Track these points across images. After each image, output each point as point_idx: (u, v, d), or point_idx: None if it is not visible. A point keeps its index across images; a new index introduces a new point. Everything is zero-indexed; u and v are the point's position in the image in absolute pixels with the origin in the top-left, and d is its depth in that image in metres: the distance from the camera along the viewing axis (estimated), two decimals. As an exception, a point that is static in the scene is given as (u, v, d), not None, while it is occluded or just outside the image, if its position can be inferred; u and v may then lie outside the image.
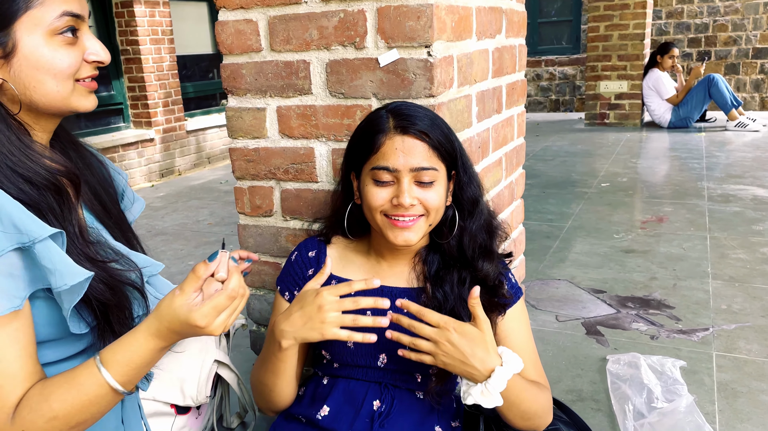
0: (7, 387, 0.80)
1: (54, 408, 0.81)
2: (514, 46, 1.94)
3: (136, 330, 0.87)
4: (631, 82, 6.94)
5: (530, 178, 4.85)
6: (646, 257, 3.08)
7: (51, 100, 0.89)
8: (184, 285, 0.86)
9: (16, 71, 0.85)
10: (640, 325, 2.36)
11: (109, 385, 0.84)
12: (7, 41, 0.84)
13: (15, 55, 0.85)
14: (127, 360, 0.85)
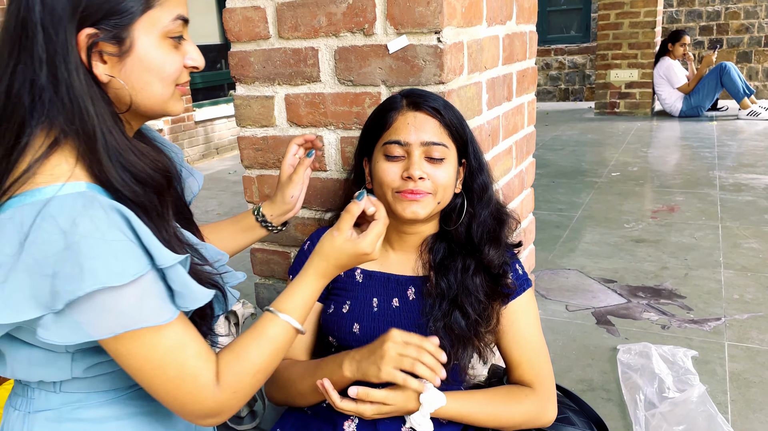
0: (203, 365, 0.85)
1: (256, 363, 0.90)
2: (525, 33, 1.91)
3: (304, 275, 0.99)
4: (641, 70, 6.87)
5: (540, 167, 4.82)
6: (657, 247, 3.06)
7: (153, 103, 0.89)
8: (341, 224, 0.99)
9: (127, 71, 0.84)
10: (651, 315, 2.35)
11: (294, 329, 0.96)
12: (125, 39, 0.83)
13: (130, 55, 0.84)
14: (303, 303, 0.97)
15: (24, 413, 0.89)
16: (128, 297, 0.77)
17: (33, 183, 0.79)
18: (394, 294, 1.29)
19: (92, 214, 0.75)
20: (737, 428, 1.66)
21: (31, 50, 0.80)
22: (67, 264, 0.73)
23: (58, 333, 0.76)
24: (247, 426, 1.76)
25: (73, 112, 0.80)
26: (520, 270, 1.31)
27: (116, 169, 0.82)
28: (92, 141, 0.81)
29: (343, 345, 1.28)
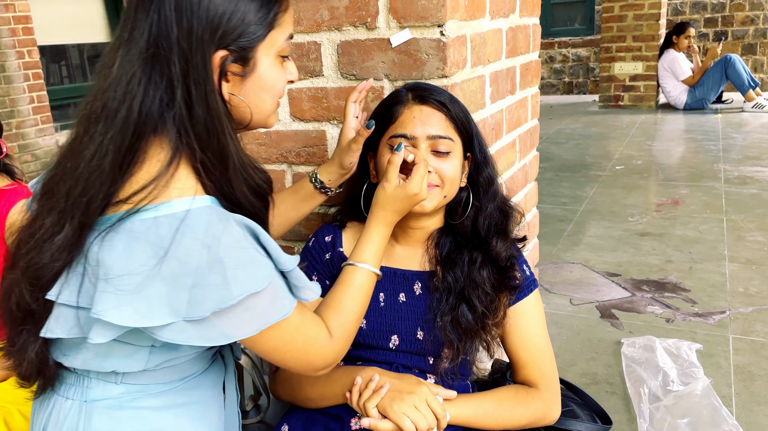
0: (319, 328, 0.97)
1: (354, 310, 1.03)
2: (528, 26, 1.90)
3: (369, 227, 1.10)
4: (646, 63, 6.84)
5: (543, 161, 4.81)
6: (662, 240, 3.05)
7: (261, 118, 0.94)
8: (389, 175, 1.09)
9: (246, 90, 0.89)
10: (655, 308, 2.34)
11: (375, 274, 1.08)
12: (250, 60, 0.87)
13: (251, 75, 0.88)
14: (376, 251, 1.09)
15: (80, 402, 0.92)
16: (265, 299, 0.84)
17: (161, 197, 0.81)
18: (400, 288, 1.29)
19: (228, 227, 0.81)
20: (741, 421, 1.66)
21: (166, 70, 0.82)
22: (212, 276, 0.78)
23: (191, 336, 0.81)
24: (251, 420, 1.76)
25: (209, 131, 0.84)
26: (527, 270, 1.31)
27: (241, 183, 0.89)
28: (226, 159, 0.86)
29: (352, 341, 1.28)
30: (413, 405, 1.09)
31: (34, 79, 5.66)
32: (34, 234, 0.84)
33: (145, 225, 0.79)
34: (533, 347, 1.26)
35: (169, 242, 0.77)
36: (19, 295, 0.86)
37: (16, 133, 5.56)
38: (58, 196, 0.83)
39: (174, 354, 0.93)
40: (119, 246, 0.79)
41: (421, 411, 1.09)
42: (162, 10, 0.81)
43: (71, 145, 0.85)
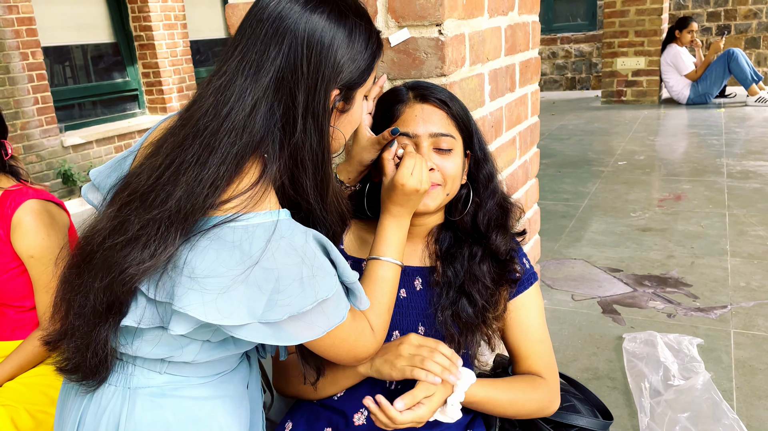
0: (363, 324, 1.03)
1: (384, 301, 1.09)
2: (528, 23, 1.91)
3: (381, 223, 1.14)
4: (648, 58, 6.82)
5: (546, 157, 4.81)
6: (664, 235, 3.05)
7: (338, 148, 1.02)
8: (384, 170, 1.13)
9: (340, 124, 0.99)
10: (657, 304, 2.35)
11: (399, 266, 1.13)
12: (351, 100, 0.98)
13: (348, 111, 0.99)
14: (392, 243, 1.13)
15: (122, 388, 0.98)
16: (330, 305, 0.92)
17: (253, 208, 0.89)
18: (401, 284, 1.30)
19: (308, 240, 0.89)
20: (742, 415, 1.67)
21: (288, 100, 0.91)
22: (293, 283, 0.86)
23: (262, 335, 0.88)
24: (256, 417, 1.78)
25: (318, 161, 0.94)
26: (527, 263, 1.32)
27: (333, 209, 1.00)
28: (327, 185, 0.97)
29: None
30: (407, 357, 1.12)
31: (38, 80, 5.68)
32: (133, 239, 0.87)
33: (235, 232, 0.86)
34: (534, 339, 1.27)
35: (260, 250, 0.85)
36: (112, 294, 0.89)
37: (20, 134, 5.58)
38: (160, 203, 0.87)
39: (222, 352, 0.99)
40: (210, 251, 0.85)
41: (420, 354, 1.11)
42: (294, 44, 0.89)
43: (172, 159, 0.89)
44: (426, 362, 1.09)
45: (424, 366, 1.09)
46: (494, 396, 1.18)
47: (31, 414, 1.48)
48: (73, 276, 0.94)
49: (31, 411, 1.49)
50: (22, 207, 1.53)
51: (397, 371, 1.11)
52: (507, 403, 1.19)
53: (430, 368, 1.09)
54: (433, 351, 1.12)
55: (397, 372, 1.11)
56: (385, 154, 1.14)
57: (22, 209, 1.53)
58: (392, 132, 1.20)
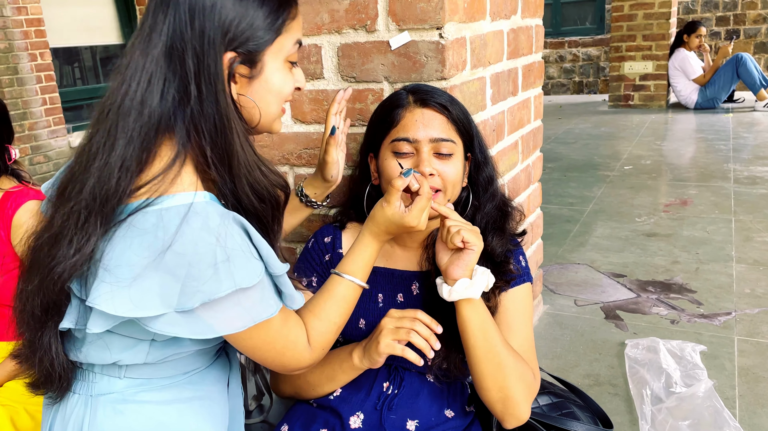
0: (300, 332, 1.00)
1: (335, 321, 1.05)
2: (531, 27, 1.91)
3: (361, 238, 1.11)
4: (656, 62, 6.79)
5: (551, 161, 4.79)
6: (669, 241, 3.03)
7: (267, 121, 0.97)
8: (390, 198, 1.09)
9: (253, 92, 0.93)
10: (660, 310, 2.33)
11: (361, 287, 1.09)
12: (257, 63, 0.91)
13: (258, 77, 0.92)
14: (365, 263, 1.10)
15: (85, 396, 0.95)
16: (253, 296, 0.87)
17: (164, 190, 0.85)
18: (398, 289, 1.30)
19: (225, 223, 0.84)
20: (744, 423, 1.65)
21: (180, 69, 0.86)
22: (205, 268, 0.81)
23: (180, 328, 0.84)
24: (254, 420, 1.78)
25: (217, 128, 0.88)
26: (522, 262, 1.31)
27: (245, 183, 0.91)
28: (230, 157, 0.89)
29: (349, 341, 1.29)
30: (391, 330, 1.13)
31: (46, 81, 5.72)
32: (57, 235, 0.86)
33: (147, 217, 0.82)
34: (519, 335, 1.24)
35: (171, 234, 0.80)
36: (45, 296, 0.88)
37: (28, 134, 5.62)
38: (76, 194, 0.85)
39: (175, 349, 0.95)
40: (123, 239, 0.82)
41: (403, 326, 1.13)
42: (177, 12, 0.86)
43: (88, 145, 0.88)
44: (411, 335, 1.11)
45: (410, 338, 1.11)
46: (492, 324, 1.15)
47: (30, 415, 1.49)
48: (20, 285, 0.93)
49: (30, 411, 1.49)
50: (23, 208, 1.54)
51: (383, 346, 1.12)
52: (498, 345, 1.14)
53: (416, 341, 1.11)
54: (414, 321, 1.13)
55: (383, 346, 1.12)
56: (396, 182, 1.09)
57: (23, 210, 1.54)
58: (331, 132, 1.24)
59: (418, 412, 1.23)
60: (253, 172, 0.91)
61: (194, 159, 0.89)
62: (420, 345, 1.11)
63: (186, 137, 0.87)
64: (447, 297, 1.13)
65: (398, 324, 1.14)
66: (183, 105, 0.86)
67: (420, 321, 1.13)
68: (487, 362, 1.14)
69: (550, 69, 8.91)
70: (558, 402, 1.41)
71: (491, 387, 1.15)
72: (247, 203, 0.91)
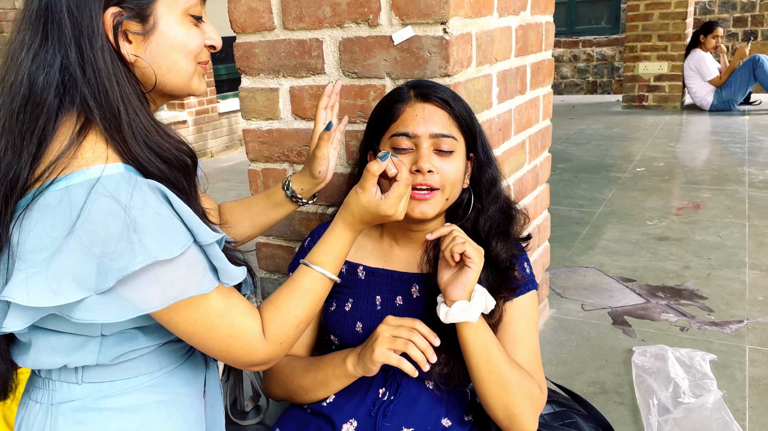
0: (250, 322, 0.91)
1: (297, 314, 0.97)
2: (541, 24, 1.86)
3: (334, 228, 1.03)
4: (671, 62, 6.69)
5: (562, 161, 4.73)
6: (680, 245, 2.97)
7: (179, 80, 0.90)
8: (365, 183, 1.01)
9: (152, 49, 0.86)
10: (669, 316, 2.28)
11: (330, 280, 1.01)
12: (149, 17, 0.84)
13: (154, 33, 0.85)
14: (335, 254, 1.02)
15: (46, 405, 0.90)
16: (177, 270, 0.80)
17: (71, 166, 0.79)
18: (397, 291, 1.26)
19: (138, 191, 0.78)
20: (755, 436, 1.60)
21: (59, 33, 0.80)
22: (119, 243, 0.75)
23: (104, 312, 0.78)
24: (251, 421, 1.75)
25: (99, 92, 0.81)
26: (528, 269, 1.27)
27: (142, 148, 0.83)
28: (117, 120, 0.82)
29: (345, 344, 1.26)
30: (387, 338, 1.09)
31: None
32: None
33: (55, 196, 0.77)
34: (523, 346, 1.20)
35: (78, 210, 0.75)
36: None
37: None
38: None
39: (129, 345, 0.89)
40: (32, 222, 0.77)
41: (400, 335, 1.09)
42: None
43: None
44: (409, 346, 1.07)
45: (407, 350, 1.07)
46: (494, 343, 1.11)
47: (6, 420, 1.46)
48: None
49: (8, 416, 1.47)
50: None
51: (378, 354, 1.08)
52: (501, 365, 1.10)
53: (413, 353, 1.07)
54: (412, 331, 1.09)
55: (378, 355, 1.08)
56: (371, 166, 1.02)
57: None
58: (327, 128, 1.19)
59: (414, 420, 1.19)
60: (151, 135, 0.85)
61: (99, 130, 0.83)
62: (416, 357, 1.07)
63: (80, 107, 0.81)
64: (444, 320, 1.10)
65: (395, 332, 1.10)
66: (68, 72, 0.80)
67: (418, 332, 1.09)
68: (490, 383, 1.11)
69: (563, 68, 8.82)
70: (561, 411, 1.37)
71: (496, 405, 1.12)
72: (153, 169, 0.84)
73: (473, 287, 1.10)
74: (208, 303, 0.85)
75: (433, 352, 1.08)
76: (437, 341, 1.09)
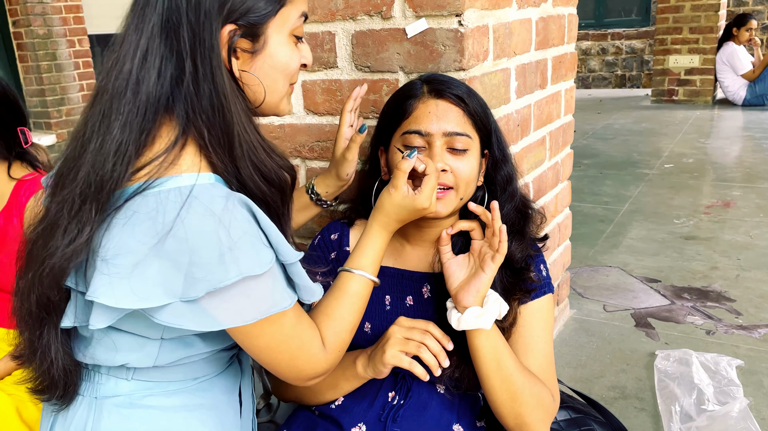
0: (314, 333, 0.92)
1: (349, 320, 0.99)
2: (563, 16, 1.80)
3: (369, 231, 1.04)
4: (703, 56, 6.51)
5: (587, 157, 4.64)
6: (708, 245, 2.88)
7: (274, 100, 0.91)
8: (397, 182, 1.02)
9: (257, 68, 0.87)
10: (695, 319, 2.20)
11: (373, 282, 1.03)
12: (260, 37, 0.85)
13: (262, 52, 0.86)
14: (374, 258, 1.03)
15: (90, 398, 0.90)
16: (263, 287, 0.81)
17: (163, 173, 0.80)
18: (408, 291, 1.23)
19: (230, 206, 0.78)
20: (783, 447, 1.54)
21: (176, 44, 0.81)
22: (209, 254, 0.75)
23: (183, 319, 0.78)
24: (262, 419, 1.73)
25: (214, 107, 0.81)
26: (544, 271, 1.23)
27: (248, 165, 0.84)
28: (231, 136, 0.82)
29: (355, 344, 1.23)
30: (399, 340, 1.07)
31: (84, 68, 5.81)
32: (52, 225, 0.82)
33: (146, 201, 0.77)
34: (536, 351, 1.16)
35: (172, 218, 0.75)
36: (39, 291, 0.84)
37: (66, 120, 5.72)
38: (70, 181, 0.81)
39: (186, 351, 0.90)
40: (119, 225, 0.77)
41: (412, 338, 1.06)
42: None
43: (82, 130, 0.83)
44: (421, 350, 1.05)
45: (419, 353, 1.04)
46: (505, 351, 1.07)
47: (37, 406, 1.47)
48: (17, 281, 0.88)
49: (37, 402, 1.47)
50: (36, 196, 1.52)
51: (389, 356, 1.05)
52: (513, 373, 1.06)
53: (425, 358, 1.04)
54: (425, 334, 1.06)
55: (389, 357, 1.05)
56: (402, 165, 1.03)
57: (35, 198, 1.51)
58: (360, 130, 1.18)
59: (424, 425, 1.16)
60: (257, 153, 0.86)
61: (196, 140, 0.83)
62: (429, 362, 1.04)
63: (185, 117, 0.82)
64: (456, 326, 1.06)
65: (407, 335, 1.07)
66: (180, 83, 0.81)
67: (431, 334, 1.07)
68: (501, 391, 1.07)
69: (591, 62, 8.67)
70: (577, 418, 1.32)
71: (507, 414, 1.09)
72: (252, 187, 0.85)
73: (486, 292, 1.06)
74: (283, 319, 0.86)
75: (446, 356, 1.05)
76: (450, 345, 1.06)
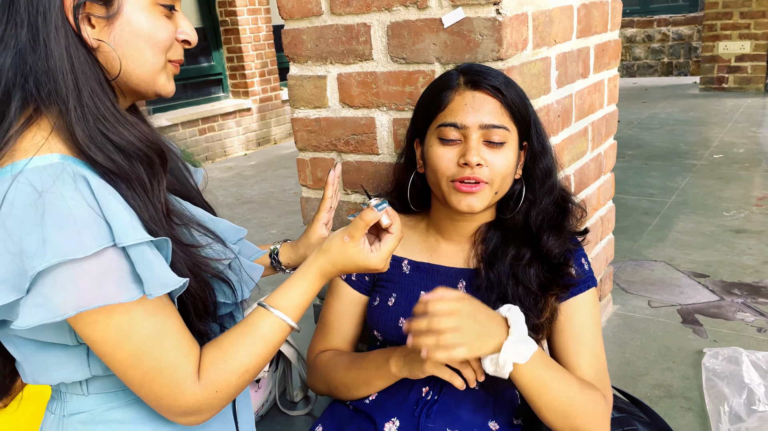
0: (182, 358, 0.80)
1: (244, 362, 0.84)
2: (606, 2, 1.74)
3: (306, 272, 0.92)
4: (754, 41, 6.26)
5: (632, 148, 4.51)
6: (760, 238, 2.77)
7: (143, 73, 0.84)
8: (354, 232, 0.91)
9: (117, 36, 0.80)
10: (746, 315, 2.12)
11: (290, 327, 0.89)
12: (113, 2, 0.79)
13: (118, 18, 0.80)
14: (300, 301, 0.90)
15: (59, 417, 0.87)
16: (89, 272, 0.71)
17: (10, 158, 0.75)
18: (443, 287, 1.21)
19: (60, 185, 0.71)
20: (841, 452, 1.46)
21: (14, 12, 0.76)
22: (32, 239, 0.69)
23: (29, 315, 0.71)
24: (299, 412, 1.74)
25: (47, 74, 0.76)
26: (585, 265, 1.20)
27: (94, 136, 0.77)
28: (65, 104, 0.76)
29: (389, 340, 1.22)
30: None
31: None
32: None
33: None
34: (585, 348, 1.13)
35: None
36: None
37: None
38: None
39: None
40: None
41: None
42: None
43: None
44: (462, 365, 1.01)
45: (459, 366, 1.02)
46: (546, 374, 1.02)
47: None
48: None
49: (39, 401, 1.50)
50: None
51: (429, 367, 1.03)
52: (561, 394, 1.02)
53: (467, 374, 1.02)
54: None
55: (429, 367, 1.03)
56: (365, 216, 0.92)
57: None
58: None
59: (459, 421, 1.14)
60: (109, 124, 0.78)
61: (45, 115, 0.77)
62: (468, 376, 1.02)
63: (26, 92, 0.76)
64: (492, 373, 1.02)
65: None
66: (22, 56, 0.76)
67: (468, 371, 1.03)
68: (550, 412, 1.04)
69: (636, 49, 8.43)
70: (620, 417, 1.28)
71: (560, 428, 1.06)
72: (103, 159, 0.77)
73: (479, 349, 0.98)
74: (133, 324, 0.75)
75: (482, 373, 1.02)
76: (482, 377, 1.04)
